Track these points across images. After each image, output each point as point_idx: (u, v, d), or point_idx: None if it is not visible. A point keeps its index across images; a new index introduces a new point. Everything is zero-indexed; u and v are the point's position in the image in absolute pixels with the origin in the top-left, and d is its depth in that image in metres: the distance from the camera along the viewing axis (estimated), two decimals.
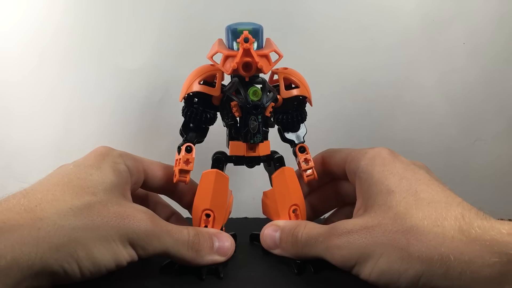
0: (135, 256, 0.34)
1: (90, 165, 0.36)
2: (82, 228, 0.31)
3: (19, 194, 0.32)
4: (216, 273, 0.38)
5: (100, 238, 0.31)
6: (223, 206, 0.40)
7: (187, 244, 0.36)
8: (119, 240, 0.32)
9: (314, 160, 0.44)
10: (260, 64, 0.36)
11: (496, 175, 0.59)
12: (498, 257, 0.28)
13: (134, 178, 0.40)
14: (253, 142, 0.40)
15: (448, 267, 0.29)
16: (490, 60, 0.57)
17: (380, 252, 0.32)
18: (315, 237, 0.37)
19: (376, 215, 0.34)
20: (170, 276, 0.38)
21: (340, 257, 0.34)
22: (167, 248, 0.35)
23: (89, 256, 0.31)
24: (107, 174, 0.36)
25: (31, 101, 0.55)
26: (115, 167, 0.37)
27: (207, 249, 0.37)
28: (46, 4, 0.54)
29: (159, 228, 0.35)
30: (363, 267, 0.33)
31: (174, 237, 0.35)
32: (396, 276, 0.31)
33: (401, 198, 0.34)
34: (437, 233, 0.31)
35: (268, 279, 0.39)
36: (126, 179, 0.38)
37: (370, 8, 0.56)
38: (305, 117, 0.43)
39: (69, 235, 0.30)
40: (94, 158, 0.38)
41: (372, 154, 0.38)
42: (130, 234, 0.33)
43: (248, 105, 0.38)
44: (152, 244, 0.34)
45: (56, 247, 0.30)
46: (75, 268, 0.31)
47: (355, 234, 0.34)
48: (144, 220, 0.34)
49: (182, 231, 0.36)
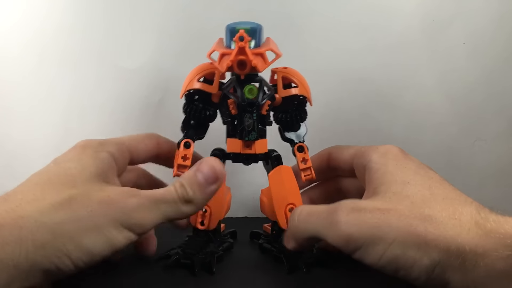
0: (132, 237, 0.33)
1: (69, 160, 0.36)
2: (66, 221, 0.30)
3: (0, 198, 0.32)
4: (209, 268, 0.39)
5: (88, 228, 0.31)
6: (219, 202, 0.41)
7: (179, 200, 0.34)
8: (110, 225, 0.32)
9: (321, 154, 0.44)
10: (254, 62, 0.37)
11: (497, 175, 0.59)
12: (511, 250, 0.28)
13: (120, 161, 0.39)
14: (247, 139, 0.40)
15: (463, 259, 0.29)
16: (490, 60, 0.57)
17: (394, 236, 0.31)
18: (318, 213, 0.35)
19: (392, 201, 0.33)
20: (164, 269, 0.39)
21: (346, 235, 0.32)
22: (163, 214, 0.34)
23: (79, 248, 0.30)
24: (86, 165, 0.35)
25: (31, 101, 0.55)
26: (95, 156, 0.36)
27: (198, 192, 0.35)
28: (46, 4, 0.54)
29: (145, 200, 0.33)
30: (371, 249, 0.32)
31: (164, 201, 0.34)
32: (410, 262, 0.31)
33: (417, 190, 0.34)
34: (455, 225, 0.30)
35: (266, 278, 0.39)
36: (109, 164, 0.37)
37: (370, 8, 0.55)
38: (305, 117, 0.43)
39: (53, 231, 0.30)
40: (74, 152, 0.37)
41: (384, 150, 0.38)
42: (119, 216, 0.32)
43: (243, 103, 0.39)
44: (147, 217, 0.33)
45: (41, 244, 0.29)
46: (67, 262, 0.30)
47: (368, 213, 0.32)
48: (127, 199, 0.33)
49: (169, 190, 0.35)
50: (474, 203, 0.33)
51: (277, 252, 0.42)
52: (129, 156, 0.41)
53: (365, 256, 0.32)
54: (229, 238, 0.44)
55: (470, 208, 0.32)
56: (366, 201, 0.34)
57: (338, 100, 0.57)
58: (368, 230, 0.32)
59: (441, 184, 0.35)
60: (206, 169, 0.35)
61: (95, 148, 0.38)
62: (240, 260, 0.42)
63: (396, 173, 0.35)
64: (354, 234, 0.32)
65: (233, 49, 0.37)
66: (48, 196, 0.32)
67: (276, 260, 0.41)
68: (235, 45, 0.37)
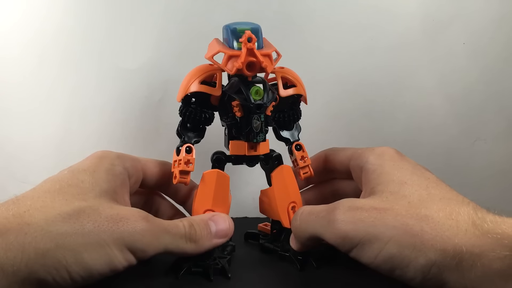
0: (133, 260, 0.33)
1: (84, 170, 0.36)
2: (71, 233, 0.30)
3: (10, 201, 0.32)
4: (224, 272, 0.38)
5: (91, 243, 0.30)
6: (224, 206, 0.41)
7: (185, 237, 0.35)
8: (114, 244, 0.31)
9: (317, 157, 0.45)
10: (264, 63, 0.37)
11: (496, 175, 0.59)
12: (509, 250, 0.28)
13: (133, 179, 0.39)
14: (256, 141, 0.40)
15: (460, 259, 0.29)
16: (490, 60, 0.57)
17: (390, 235, 0.31)
18: (316, 212, 0.35)
19: (389, 200, 0.33)
20: (176, 278, 0.38)
21: (343, 233, 0.33)
22: (166, 246, 0.34)
23: (79, 262, 0.30)
24: (100, 178, 0.35)
25: (31, 102, 0.55)
26: (111, 170, 0.37)
27: (205, 237, 0.36)
28: (46, 5, 0.54)
29: (155, 226, 0.34)
30: (367, 248, 0.32)
31: (172, 233, 0.35)
32: (406, 262, 0.31)
33: (414, 190, 0.34)
34: (451, 226, 0.30)
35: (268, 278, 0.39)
36: (122, 181, 0.37)
37: (370, 8, 0.55)
38: (300, 116, 0.43)
39: (57, 241, 0.29)
40: (90, 162, 0.37)
41: (380, 151, 0.38)
42: (125, 237, 0.32)
43: (251, 105, 0.38)
44: (151, 244, 0.33)
45: (42, 252, 0.29)
46: (64, 275, 0.30)
47: (364, 212, 0.33)
48: (138, 221, 0.33)
49: (177, 224, 0.36)
50: (471, 203, 0.33)
51: (281, 250, 0.42)
52: (142, 176, 0.41)
53: (361, 255, 0.32)
54: (230, 241, 0.44)
55: (467, 208, 0.32)
56: (363, 200, 0.34)
57: (338, 100, 0.57)
58: (364, 229, 0.32)
59: (438, 185, 0.35)
60: (222, 224, 0.38)
61: (113, 161, 0.38)
62: (246, 262, 0.42)
63: (393, 173, 0.36)
64: (350, 232, 0.32)
65: (241, 51, 0.37)
66: (57, 205, 0.32)
67: (281, 259, 0.41)
68: (239, 46, 0.37)
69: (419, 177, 0.35)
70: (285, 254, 0.41)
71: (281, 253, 0.42)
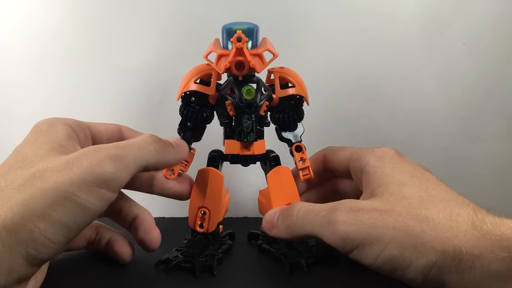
0: (108, 195, 0.31)
1: (25, 143, 0.35)
2: (31, 199, 0.29)
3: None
4: (210, 270, 0.39)
5: (55, 199, 0.29)
6: (218, 204, 0.41)
7: (153, 141, 0.35)
8: (79, 190, 0.30)
9: (315, 157, 0.44)
10: (252, 63, 0.37)
11: (496, 175, 0.59)
12: (507, 252, 0.28)
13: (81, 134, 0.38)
14: (246, 141, 0.40)
15: (460, 260, 0.29)
16: (490, 60, 0.57)
17: (391, 237, 0.31)
18: (316, 211, 0.35)
19: (389, 202, 0.33)
20: (165, 273, 0.39)
21: (343, 234, 0.32)
22: (137, 161, 0.33)
23: (51, 223, 0.29)
24: (41, 143, 0.34)
25: (32, 102, 0.56)
26: (50, 130, 0.36)
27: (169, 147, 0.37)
28: (46, 4, 0.54)
29: (114, 149, 0.32)
30: (367, 249, 0.32)
31: (137, 145, 0.34)
32: (407, 263, 0.31)
33: (414, 191, 0.34)
34: (451, 227, 0.31)
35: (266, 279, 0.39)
36: (66, 134, 0.36)
37: (370, 8, 0.55)
38: (302, 116, 0.43)
39: (20, 212, 0.29)
40: (29, 136, 0.36)
41: (380, 152, 0.38)
42: (86, 176, 0.30)
43: (241, 104, 0.38)
44: (120, 168, 0.32)
45: (14, 229, 0.28)
46: (45, 242, 0.29)
47: (365, 213, 0.33)
48: (93, 154, 0.31)
49: (140, 137, 0.35)
50: (471, 204, 0.33)
51: (276, 252, 0.42)
52: (90, 132, 0.40)
53: (362, 256, 0.32)
54: (227, 239, 0.44)
55: (467, 209, 0.32)
56: (364, 202, 0.34)
57: (337, 100, 0.57)
58: (366, 230, 0.32)
59: (438, 186, 0.35)
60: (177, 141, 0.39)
61: (49, 122, 0.37)
62: (239, 261, 0.42)
63: (393, 175, 0.36)
64: (351, 233, 0.32)
65: (231, 50, 0.37)
66: (10, 182, 0.31)
67: (275, 261, 0.41)
68: (232, 46, 0.37)
69: (419, 178, 0.35)
70: (278, 256, 0.41)
71: (275, 255, 0.42)
